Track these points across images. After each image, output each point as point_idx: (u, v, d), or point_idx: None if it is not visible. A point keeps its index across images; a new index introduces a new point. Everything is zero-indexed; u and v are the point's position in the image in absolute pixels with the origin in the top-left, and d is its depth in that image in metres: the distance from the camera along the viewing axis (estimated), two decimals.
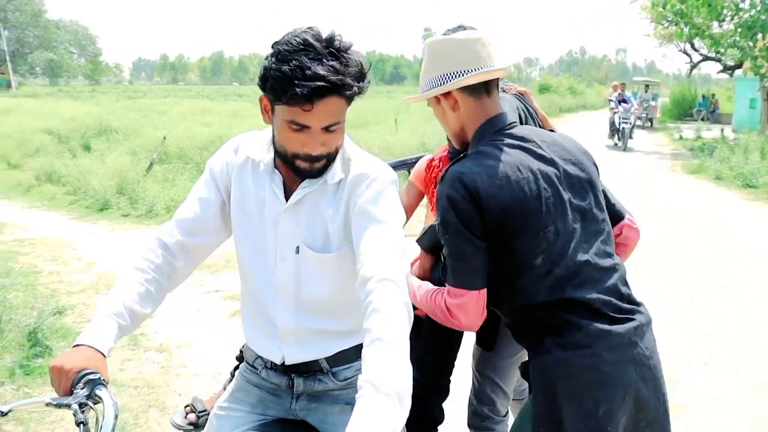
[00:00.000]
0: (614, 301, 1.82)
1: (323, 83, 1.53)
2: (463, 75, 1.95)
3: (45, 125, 19.66)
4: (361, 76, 1.62)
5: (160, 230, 1.87)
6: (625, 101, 20.36)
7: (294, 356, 1.84)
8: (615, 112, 20.40)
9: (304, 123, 1.60)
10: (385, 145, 13.72)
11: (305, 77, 1.52)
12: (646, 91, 31.17)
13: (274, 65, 1.57)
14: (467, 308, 1.87)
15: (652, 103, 30.83)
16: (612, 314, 1.80)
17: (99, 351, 1.54)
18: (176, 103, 33.84)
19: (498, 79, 2.04)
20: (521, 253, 1.81)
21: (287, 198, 1.76)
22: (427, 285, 2.08)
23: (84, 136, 18.29)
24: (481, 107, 2.00)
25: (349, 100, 1.64)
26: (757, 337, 5.17)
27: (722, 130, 23.17)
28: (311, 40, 1.56)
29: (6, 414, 1.39)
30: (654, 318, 1.92)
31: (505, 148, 1.89)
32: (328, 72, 1.54)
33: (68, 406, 1.41)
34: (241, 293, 1.98)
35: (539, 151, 1.91)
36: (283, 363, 1.85)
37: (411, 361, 1.39)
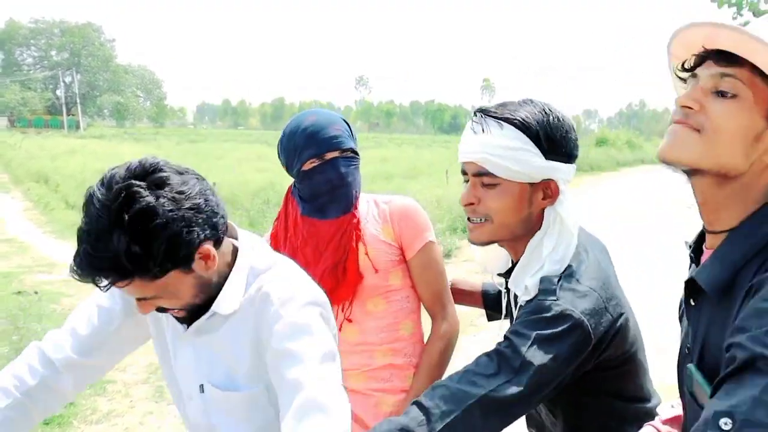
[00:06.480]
0: None
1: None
2: None
3: (105, 166, 20.16)
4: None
5: (46, 339, 1.56)
6: None
7: None
8: None
9: None
10: (434, 198, 13.59)
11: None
12: None
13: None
14: None
15: None
16: None
17: None
18: (234, 148, 34.54)
19: None
20: None
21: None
22: None
23: None
24: None
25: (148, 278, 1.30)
26: None
27: None
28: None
29: None
30: None
31: None
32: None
33: None
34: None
35: None
36: None
37: None
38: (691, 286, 1.19)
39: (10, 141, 37.83)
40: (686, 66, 1.17)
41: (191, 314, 1.45)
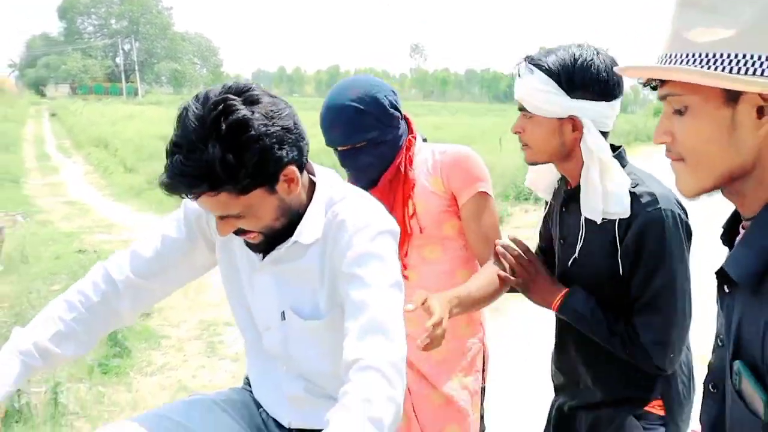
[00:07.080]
0: None
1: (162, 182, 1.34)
2: None
3: (161, 132, 20.60)
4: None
5: (110, 260, 1.62)
6: None
7: (301, 422, 1.63)
8: None
9: None
10: (487, 165, 13.40)
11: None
12: None
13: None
14: None
15: None
16: None
17: None
18: None
19: None
20: None
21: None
22: None
23: None
24: None
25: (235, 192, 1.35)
26: None
27: None
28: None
29: None
30: None
31: None
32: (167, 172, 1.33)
33: None
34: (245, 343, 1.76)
35: None
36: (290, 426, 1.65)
37: None
38: (722, 275, 1.10)
39: (71, 108, 38.84)
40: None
41: (267, 241, 1.50)
